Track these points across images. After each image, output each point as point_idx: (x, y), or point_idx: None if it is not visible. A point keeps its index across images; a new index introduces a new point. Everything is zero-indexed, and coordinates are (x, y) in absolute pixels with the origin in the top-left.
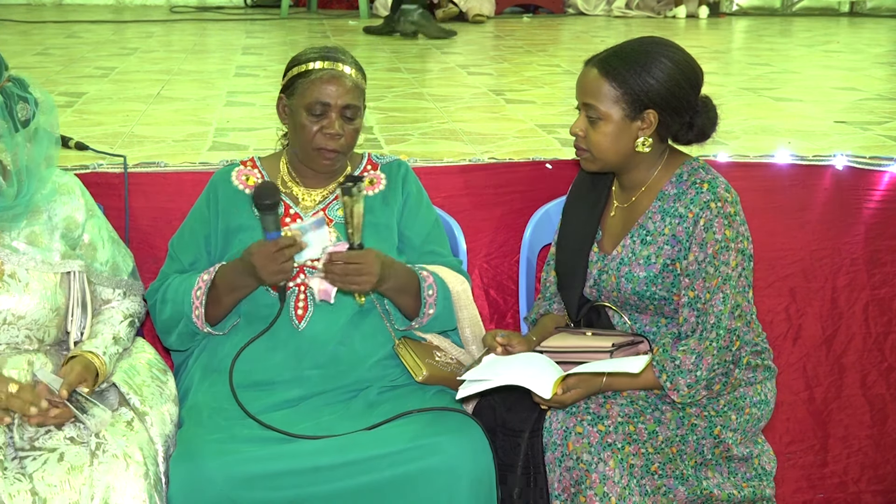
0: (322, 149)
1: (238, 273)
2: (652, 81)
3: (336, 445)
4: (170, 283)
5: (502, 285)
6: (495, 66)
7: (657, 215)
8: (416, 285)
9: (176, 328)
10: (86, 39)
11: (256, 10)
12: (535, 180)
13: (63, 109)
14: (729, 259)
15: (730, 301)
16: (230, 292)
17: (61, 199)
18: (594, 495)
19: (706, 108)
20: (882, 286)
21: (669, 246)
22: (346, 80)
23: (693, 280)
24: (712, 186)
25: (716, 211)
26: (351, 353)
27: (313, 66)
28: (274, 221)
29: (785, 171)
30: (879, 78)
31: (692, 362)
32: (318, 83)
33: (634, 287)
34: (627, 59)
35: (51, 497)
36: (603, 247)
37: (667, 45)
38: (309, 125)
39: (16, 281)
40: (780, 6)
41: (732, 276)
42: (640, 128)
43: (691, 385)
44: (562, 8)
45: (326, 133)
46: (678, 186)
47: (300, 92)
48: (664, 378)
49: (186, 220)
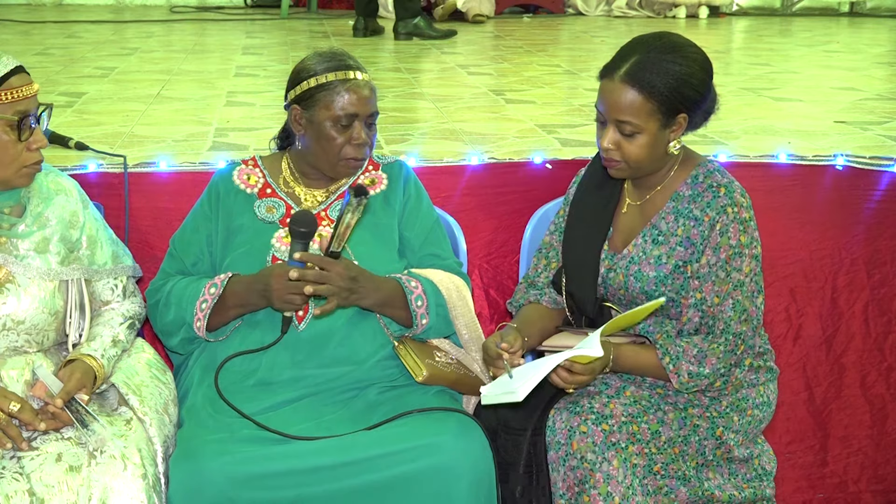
0: (349, 159)
1: (250, 291)
2: (687, 91)
3: (336, 445)
4: (173, 285)
5: (502, 285)
6: (495, 66)
7: (671, 216)
8: (402, 298)
9: (178, 333)
10: (86, 39)
11: (256, 10)
12: (535, 180)
13: (63, 109)
14: (742, 265)
15: (739, 307)
16: (237, 307)
17: (58, 199)
18: (598, 495)
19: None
20: (882, 286)
21: (682, 248)
22: (365, 89)
23: (702, 282)
24: (729, 191)
25: (732, 216)
26: (351, 353)
27: (332, 77)
28: (302, 250)
29: (785, 171)
30: (879, 78)
31: (695, 355)
32: (342, 95)
33: (643, 286)
34: (654, 69)
35: (48, 497)
36: (613, 245)
37: (681, 46)
38: (336, 136)
39: (15, 286)
40: (780, 6)
41: (745, 283)
42: (672, 131)
43: (692, 375)
44: (562, 8)
45: (355, 144)
46: (693, 188)
47: (323, 104)
48: (667, 360)
49: (188, 219)
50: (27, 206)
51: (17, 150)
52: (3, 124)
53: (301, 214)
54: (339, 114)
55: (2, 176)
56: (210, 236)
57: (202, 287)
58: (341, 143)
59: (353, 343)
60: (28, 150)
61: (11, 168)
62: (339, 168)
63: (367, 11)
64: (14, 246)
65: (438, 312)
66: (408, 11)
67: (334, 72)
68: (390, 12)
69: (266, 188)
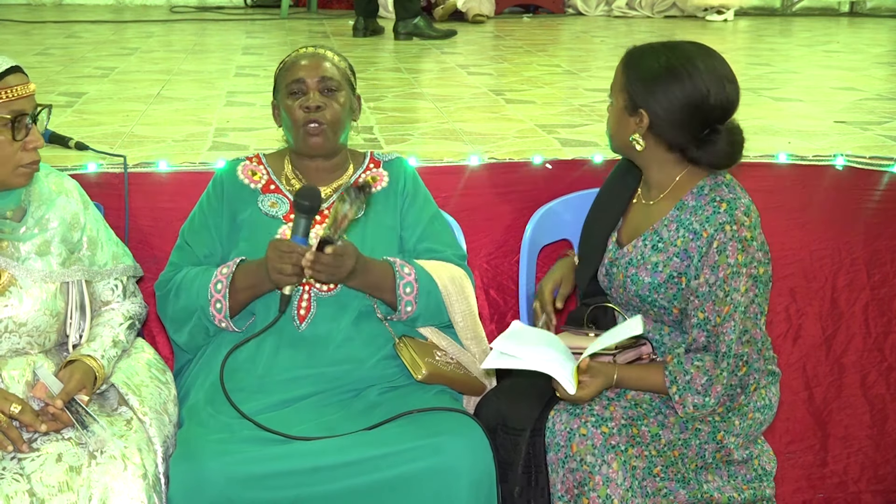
0: (306, 124)
1: (256, 268)
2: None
3: (336, 445)
4: (184, 275)
5: (502, 285)
6: (495, 66)
7: (673, 224)
8: (392, 282)
9: (189, 321)
10: (86, 39)
11: (256, 10)
12: (535, 180)
13: (63, 109)
14: (739, 285)
15: (738, 328)
16: (246, 288)
17: (59, 201)
18: (597, 497)
19: (715, 139)
20: (882, 286)
21: (679, 259)
22: (319, 59)
23: (703, 301)
24: (731, 207)
25: (730, 234)
26: (351, 353)
27: (287, 58)
28: (304, 227)
29: (785, 171)
30: (879, 78)
31: (702, 385)
32: (294, 66)
33: (638, 290)
34: (648, 57)
35: (49, 498)
36: (619, 237)
37: (692, 63)
38: (291, 105)
39: (17, 288)
40: (780, 6)
41: (742, 303)
42: (636, 123)
43: (697, 406)
44: (562, 8)
45: (306, 107)
46: (698, 199)
47: (281, 82)
48: (674, 390)
49: (195, 212)
50: (28, 209)
51: (11, 149)
52: None
53: (304, 189)
54: (289, 82)
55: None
56: (219, 227)
57: (213, 273)
58: (297, 111)
59: (353, 343)
60: (24, 150)
61: (7, 168)
62: (303, 140)
63: (367, 11)
64: (16, 249)
65: (429, 301)
66: (408, 11)
67: (291, 54)
68: (390, 12)
69: (270, 184)
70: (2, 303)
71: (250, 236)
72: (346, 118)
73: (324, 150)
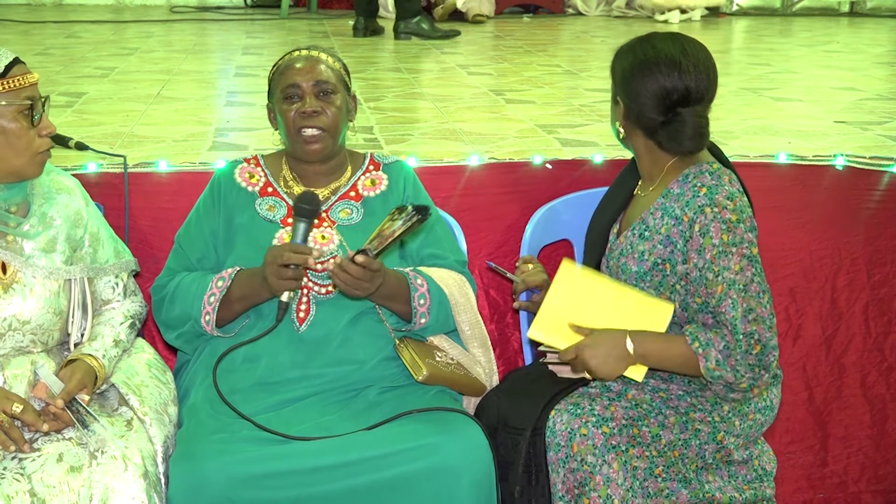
0: (302, 129)
1: (253, 277)
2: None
3: (336, 445)
4: (179, 281)
5: (502, 285)
6: (495, 66)
7: (658, 212)
8: (406, 293)
9: (181, 328)
10: (86, 39)
11: (256, 10)
12: (535, 180)
13: (63, 109)
14: (730, 264)
15: (740, 306)
16: (241, 299)
17: (61, 198)
18: (598, 497)
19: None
20: (882, 286)
21: (662, 246)
22: (314, 62)
23: (697, 287)
24: (711, 192)
25: (711, 216)
26: (351, 354)
27: (280, 62)
28: (303, 231)
29: (785, 171)
30: (879, 78)
31: (721, 350)
32: (288, 70)
33: (627, 279)
34: (624, 49)
35: (49, 498)
36: (619, 230)
37: (656, 49)
38: (287, 110)
39: (21, 286)
40: (780, 6)
41: (738, 282)
42: (618, 112)
43: (719, 363)
44: (562, 8)
45: (302, 112)
46: (682, 186)
47: (276, 87)
48: (696, 345)
49: (191, 215)
50: (32, 205)
51: (30, 136)
52: (15, 112)
53: (305, 193)
54: (284, 87)
55: (17, 165)
56: (215, 232)
57: (209, 282)
58: (293, 116)
59: (353, 344)
60: (39, 137)
61: (26, 155)
62: (299, 146)
63: (367, 11)
64: (20, 245)
65: (440, 312)
66: (408, 11)
67: (284, 56)
68: (390, 12)
69: (267, 187)
70: (6, 300)
71: (248, 240)
72: (343, 121)
73: (322, 156)
